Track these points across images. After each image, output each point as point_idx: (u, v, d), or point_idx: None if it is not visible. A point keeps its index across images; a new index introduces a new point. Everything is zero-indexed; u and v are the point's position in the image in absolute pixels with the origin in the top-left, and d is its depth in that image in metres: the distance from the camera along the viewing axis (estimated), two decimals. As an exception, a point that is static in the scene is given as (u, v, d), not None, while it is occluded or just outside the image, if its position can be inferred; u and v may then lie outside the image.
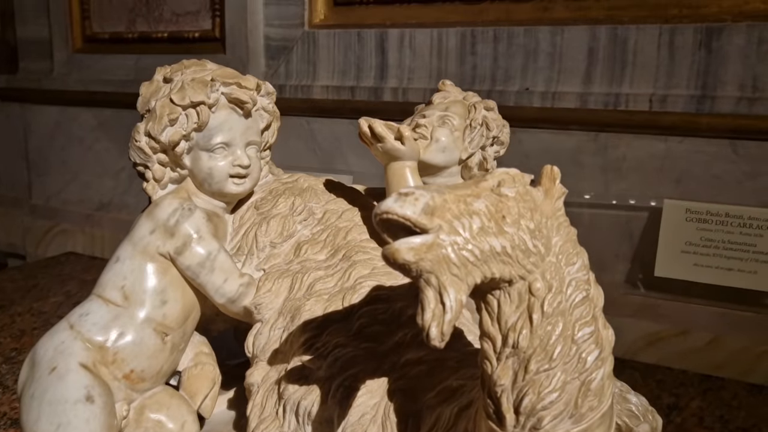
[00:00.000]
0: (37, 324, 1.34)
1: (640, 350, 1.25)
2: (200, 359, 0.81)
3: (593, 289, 0.54)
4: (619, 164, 1.30)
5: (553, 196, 0.55)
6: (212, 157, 0.78)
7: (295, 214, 0.83)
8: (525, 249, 0.50)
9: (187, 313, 0.77)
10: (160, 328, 0.74)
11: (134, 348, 0.72)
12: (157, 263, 0.75)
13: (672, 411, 1.06)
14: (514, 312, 0.51)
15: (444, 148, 0.82)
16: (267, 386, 0.76)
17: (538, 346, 0.50)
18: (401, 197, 0.49)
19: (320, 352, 0.73)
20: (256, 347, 0.79)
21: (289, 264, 0.81)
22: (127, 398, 0.72)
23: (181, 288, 0.76)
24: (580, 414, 0.51)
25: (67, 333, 0.71)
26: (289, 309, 0.78)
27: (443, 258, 0.48)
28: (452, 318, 0.48)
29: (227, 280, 0.76)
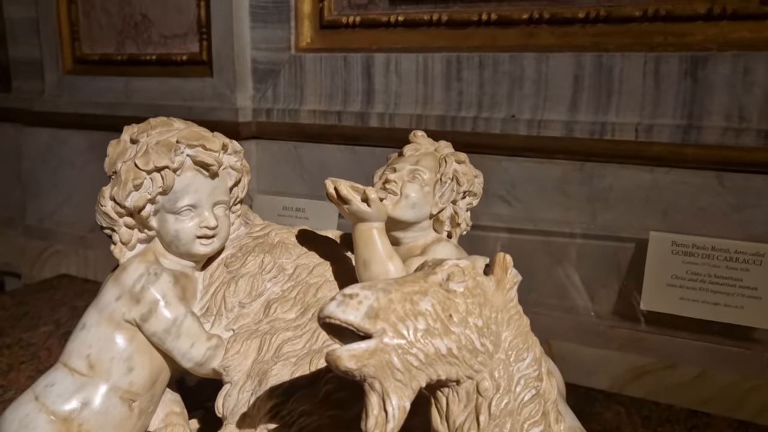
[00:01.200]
0: (25, 358, 1.34)
1: (627, 383, 1.24)
2: (171, 420, 0.81)
3: (545, 383, 0.53)
4: (605, 194, 1.29)
5: (505, 286, 0.54)
6: (179, 220, 0.77)
7: (265, 272, 0.83)
8: (472, 348, 0.50)
9: (155, 377, 0.77)
10: (126, 395, 0.74)
11: (99, 418, 0.72)
12: (123, 330, 0.74)
13: (655, 453, 1.05)
14: (462, 411, 0.50)
15: (414, 204, 0.82)
16: (235, 453, 0.76)
17: (485, 448, 0.49)
18: (345, 300, 0.48)
19: (286, 420, 0.73)
20: (226, 408, 0.79)
21: (258, 324, 0.81)
22: (93, 468, 0.72)
23: (148, 353, 0.76)
24: None
25: (32, 405, 0.70)
26: (257, 372, 0.77)
27: (386, 364, 0.48)
28: (394, 427, 0.47)
29: (194, 345, 0.76)
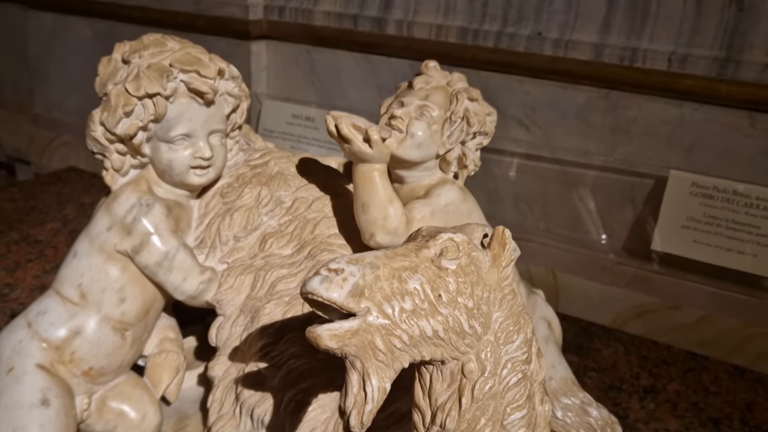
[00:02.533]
0: (32, 255, 1.36)
1: (629, 320, 1.24)
2: (165, 346, 0.81)
3: (533, 364, 0.51)
4: (628, 126, 1.22)
5: (501, 263, 0.51)
6: (172, 149, 0.74)
7: (261, 206, 0.80)
8: (460, 331, 0.48)
9: (148, 307, 0.77)
10: (119, 325, 0.74)
11: (92, 347, 0.72)
12: (114, 261, 0.73)
13: (647, 395, 1.06)
14: (444, 391, 0.49)
15: (420, 143, 0.77)
16: (226, 383, 0.77)
17: (465, 429, 0.48)
18: (329, 277, 0.46)
19: (276, 361, 0.72)
20: (219, 340, 0.79)
21: (253, 258, 0.79)
22: (88, 392, 0.73)
23: (140, 284, 0.75)
24: (503, 492, 0.50)
25: (25, 332, 0.71)
26: (249, 308, 0.76)
27: (369, 344, 0.46)
28: (372, 408, 0.46)
29: (186, 279, 0.75)
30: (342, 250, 0.79)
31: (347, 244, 0.80)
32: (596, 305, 1.25)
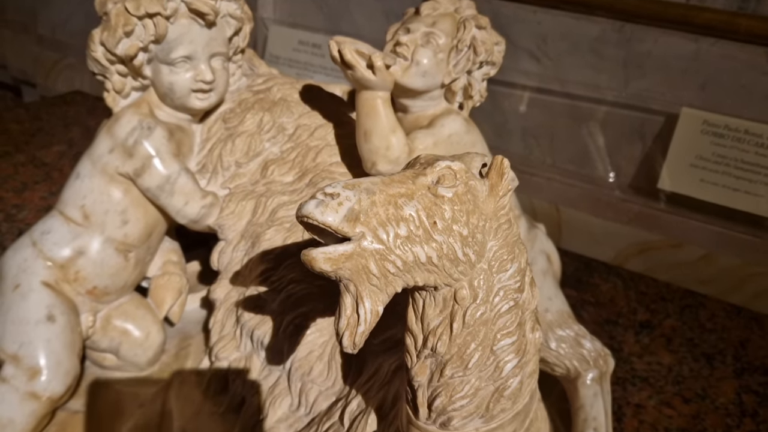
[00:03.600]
0: (38, 177, 1.37)
1: (630, 257, 1.24)
2: (168, 269, 0.83)
3: (525, 293, 0.51)
4: (642, 60, 1.19)
5: (498, 193, 0.51)
6: (173, 71, 0.73)
7: (263, 132, 0.80)
8: (454, 258, 0.48)
9: (151, 230, 0.78)
10: (122, 247, 0.75)
11: (95, 267, 0.73)
12: (116, 183, 0.73)
13: (643, 329, 1.07)
14: (437, 316, 0.50)
15: (425, 72, 0.75)
16: (228, 306, 0.78)
17: (455, 353, 0.49)
18: (324, 201, 0.46)
19: (275, 286, 0.74)
20: (221, 264, 0.80)
21: (254, 185, 0.79)
22: (92, 310, 0.75)
23: (143, 207, 0.75)
24: (491, 415, 0.51)
25: (30, 250, 0.72)
26: (250, 234, 0.77)
27: (363, 268, 0.46)
28: (365, 330, 0.47)
29: (188, 203, 0.75)
30: (343, 178, 0.79)
31: (349, 172, 0.80)
32: (598, 241, 1.26)
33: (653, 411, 0.91)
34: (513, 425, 0.53)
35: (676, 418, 0.90)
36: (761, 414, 0.91)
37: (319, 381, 0.69)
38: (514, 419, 0.53)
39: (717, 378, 0.97)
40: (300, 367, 0.70)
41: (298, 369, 0.70)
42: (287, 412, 0.72)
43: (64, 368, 0.68)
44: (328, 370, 0.69)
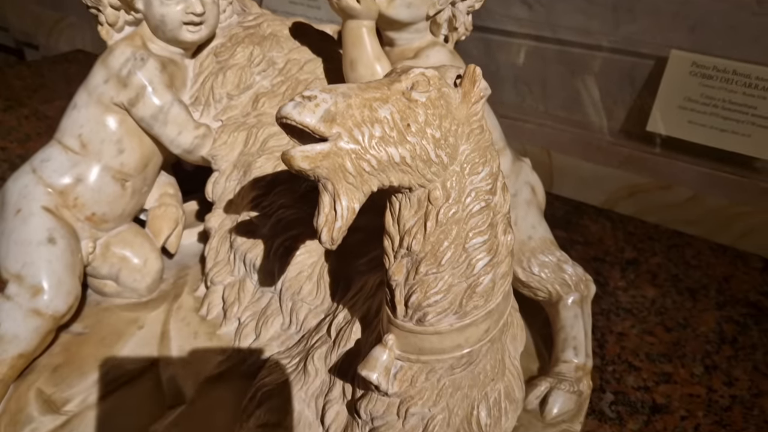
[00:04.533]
0: (41, 129, 1.40)
1: (620, 200, 1.27)
2: (164, 200, 0.86)
3: (497, 197, 0.54)
4: (632, 4, 1.20)
5: (471, 100, 0.53)
6: (164, 3, 0.75)
7: (253, 65, 0.82)
8: (426, 159, 0.50)
9: (147, 160, 0.80)
10: (119, 175, 0.78)
11: (93, 194, 0.76)
12: (112, 113, 0.76)
13: (629, 266, 1.10)
14: (412, 216, 0.53)
15: (410, 3, 0.77)
16: (222, 233, 0.81)
17: (429, 251, 0.52)
18: (302, 102, 0.48)
19: (266, 211, 0.77)
20: (215, 194, 0.83)
21: (245, 117, 0.82)
22: (92, 237, 0.78)
23: (138, 137, 0.78)
24: (465, 311, 0.54)
25: (30, 177, 0.75)
26: (242, 163, 0.80)
27: (339, 167, 0.49)
28: (342, 225, 0.50)
29: (181, 133, 0.78)
30: (332, 109, 0.81)
31: (337, 104, 0.82)
32: (589, 185, 1.28)
33: (635, 338, 0.94)
34: (486, 323, 0.56)
35: (657, 345, 0.93)
36: (740, 341, 0.94)
37: (309, 300, 0.73)
38: (488, 317, 0.56)
39: (699, 310, 1.00)
40: (290, 287, 0.73)
41: (289, 289, 0.73)
42: (279, 331, 0.75)
43: (66, 288, 0.72)
44: (317, 289, 0.73)
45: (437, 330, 0.55)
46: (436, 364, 0.57)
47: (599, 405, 0.82)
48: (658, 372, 0.88)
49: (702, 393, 0.85)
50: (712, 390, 0.86)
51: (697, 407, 0.83)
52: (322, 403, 0.65)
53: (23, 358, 0.70)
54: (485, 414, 0.59)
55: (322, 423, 0.65)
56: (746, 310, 1.01)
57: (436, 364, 0.57)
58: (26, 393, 0.72)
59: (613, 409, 0.82)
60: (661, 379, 0.87)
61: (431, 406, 0.58)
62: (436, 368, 0.57)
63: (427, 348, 0.56)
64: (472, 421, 0.59)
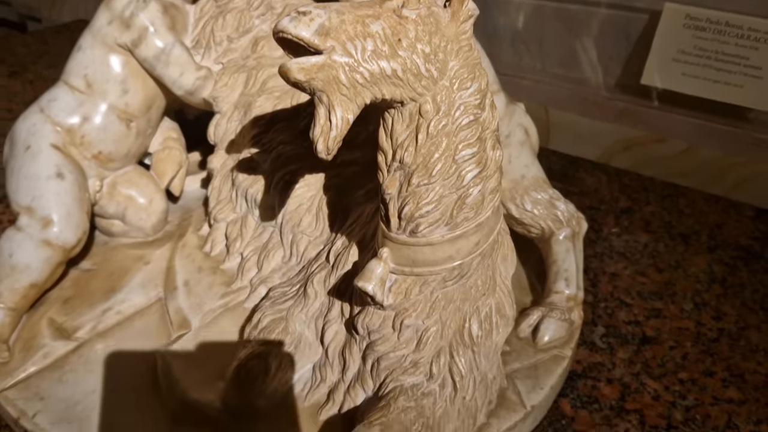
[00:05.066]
0: (47, 93, 1.42)
1: (616, 154, 1.29)
2: (168, 144, 0.88)
3: (486, 113, 0.56)
4: (627, -42, 1.22)
5: (459, 18, 0.55)
6: (164, -56, 0.77)
7: (252, 8, 0.84)
8: (417, 73, 0.53)
9: (150, 102, 0.83)
10: (123, 115, 0.80)
11: (99, 133, 0.79)
12: (116, 54, 0.78)
13: (624, 214, 1.13)
14: (404, 130, 0.55)
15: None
16: (224, 172, 0.84)
17: (420, 163, 0.55)
18: (298, 17, 0.50)
19: (266, 147, 0.79)
20: (216, 136, 0.86)
21: (245, 59, 0.84)
22: (98, 176, 0.81)
23: (141, 78, 0.80)
24: (455, 223, 0.57)
25: (38, 116, 0.77)
26: (243, 104, 0.82)
27: (334, 79, 0.51)
28: (337, 135, 0.52)
29: (183, 74, 0.80)
30: (329, 52, 0.83)
31: (335, 47, 0.84)
32: (585, 140, 1.30)
33: (627, 279, 0.96)
34: (477, 236, 0.59)
35: (648, 284, 0.95)
36: (729, 281, 0.97)
37: (308, 231, 0.75)
38: (478, 230, 0.59)
39: (691, 253, 1.03)
40: (290, 220, 0.76)
41: (289, 221, 0.76)
42: (280, 263, 0.78)
43: (75, 220, 0.74)
44: (316, 221, 0.75)
45: (429, 241, 0.57)
46: (429, 277, 0.59)
47: (591, 337, 0.85)
48: (648, 308, 0.90)
49: (691, 326, 0.88)
50: (701, 324, 0.88)
51: (686, 339, 0.85)
52: (322, 324, 0.68)
53: (35, 288, 0.73)
54: (477, 327, 0.62)
55: (321, 343, 0.68)
56: (737, 253, 1.03)
57: (429, 277, 0.59)
58: (38, 322, 0.75)
59: (604, 341, 0.85)
60: (652, 314, 0.89)
61: (425, 318, 0.61)
62: (429, 281, 0.59)
63: (420, 260, 0.58)
64: (464, 333, 0.62)
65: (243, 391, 0.65)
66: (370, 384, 0.64)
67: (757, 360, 0.83)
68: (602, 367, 0.81)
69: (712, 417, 0.75)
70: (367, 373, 0.64)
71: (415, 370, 0.62)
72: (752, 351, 0.84)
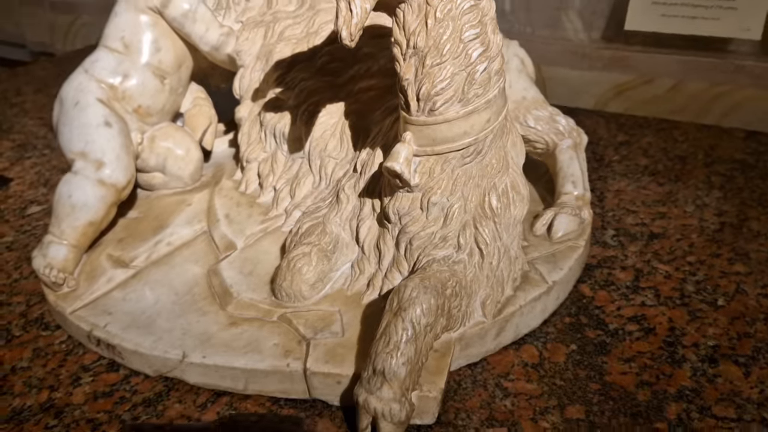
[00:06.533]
0: (72, 102, 1.51)
1: (610, 101, 1.37)
2: (198, 102, 0.97)
3: (485, 1, 0.65)
4: None
5: None
6: None
7: (264, -30, 0.93)
8: (422, -36, 0.61)
9: (180, 61, 0.91)
10: (158, 72, 0.89)
11: (138, 87, 0.87)
12: (148, 16, 0.87)
13: (621, 146, 1.20)
14: (415, 20, 0.63)
15: None
16: (251, 118, 0.92)
17: (432, 45, 0.63)
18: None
19: (289, 85, 0.87)
20: (242, 89, 0.94)
21: (263, 16, 0.93)
22: (139, 129, 0.89)
23: (170, 38, 0.89)
24: (467, 99, 0.64)
25: (84, 76, 0.86)
26: (264, 54, 0.91)
27: (351, -27, 0.60)
28: (358, 22, 0.60)
29: (208, 30, 0.89)
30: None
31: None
32: (579, 91, 1.38)
33: (631, 192, 1.03)
34: (487, 113, 0.66)
35: (651, 195, 1.02)
36: (727, 186, 1.04)
37: (335, 154, 0.83)
38: (488, 107, 0.66)
39: (689, 169, 1.10)
40: (317, 146, 0.84)
41: (316, 147, 0.84)
42: (311, 189, 0.85)
43: (124, 163, 0.82)
44: (341, 143, 0.83)
45: (446, 118, 0.65)
46: (449, 155, 0.67)
47: (602, 237, 0.92)
48: (653, 212, 0.97)
49: (694, 223, 0.94)
50: (704, 219, 0.95)
51: (691, 232, 0.92)
52: (356, 224, 0.75)
53: (93, 226, 0.81)
54: (495, 200, 0.69)
55: (357, 241, 0.75)
56: (732, 165, 1.10)
57: (448, 155, 0.67)
58: (98, 258, 0.83)
59: (615, 239, 0.91)
60: (657, 216, 0.96)
61: (449, 195, 0.68)
62: (449, 158, 0.67)
63: (439, 137, 0.66)
64: (485, 206, 0.69)
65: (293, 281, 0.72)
66: (405, 266, 0.71)
67: (759, 242, 0.89)
68: (615, 259, 0.87)
69: (722, 286, 0.81)
70: (401, 256, 0.71)
71: (445, 244, 0.69)
72: (755, 236, 0.90)
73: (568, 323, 0.76)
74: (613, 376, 0.68)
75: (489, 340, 0.70)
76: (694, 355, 0.70)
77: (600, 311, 0.78)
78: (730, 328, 0.74)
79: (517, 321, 0.72)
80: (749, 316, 0.76)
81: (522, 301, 0.72)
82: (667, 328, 0.74)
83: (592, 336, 0.74)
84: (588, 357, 0.71)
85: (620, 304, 0.78)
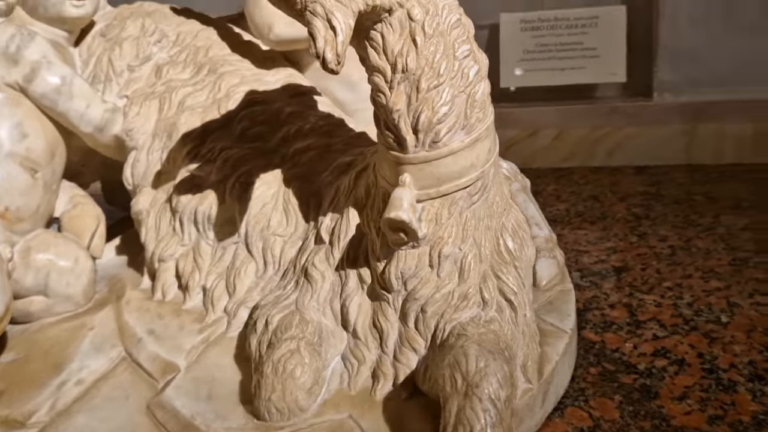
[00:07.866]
0: None
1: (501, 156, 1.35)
2: (78, 200, 0.77)
3: (464, 17, 0.57)
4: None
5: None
6: (44, -24, 0.70)
7: (148, 35, 0.79)
8: (401, -25, 0.52)
9: (53, 149, 0.72)
10: (27, 163, 0.68)
11: (3, 184, 0.66)
12: (6, 95, 0.68)
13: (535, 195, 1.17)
14: (398, 40, 0.53)
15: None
16: (157, 208, 0.74)
17: (425, 65, 0.53)
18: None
19: (207, 158, 0.72)
20: (136, 176, 0.76)
21: (152, 87, 0.77)
22: (7, 240, 0.67)
23: (39, 120, 0.70)
24: (470, 125, 0.55)
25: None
26: (163, 128, 0.75)
27: (328, -15, 0.49)
28: (344, 39, 0.49)
29: (90, 106, 0.71)
30: (241, 63, 0.80)
31: (245, 59, 0.81)
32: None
33: (570, 235, 0.99)
34: (489, 141, 0.58)
35: (590, 234, 0.99)
36: (651, 214, 1.04)
37: (280, 231, 0.68)
38: (488, 134, 0.57)
39: (607, 206, 1.10)
40: (257, 223, 0.68)
41: (256, 226, 0.68)
42: (254, 279, 0.69)
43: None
44: (287, 216, 0.68)
45: (451, 149, 0.54)
46: (456, 194, 0.56)
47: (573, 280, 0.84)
48: (603, 249, 0.93)
49: (647, 251, 0.92)
50: (653, 247, 0.93)
51: (650, 260, 0.89)
52: (339, 303, 0.60)
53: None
54: (511, 240, 0.59)
55: (344, 325, 0.60)
56: (642, 197, 1.12)
57: (456, 195, 0.56)
58: (-29, 426, 0.57)
59: (585, 280, 0.85)
60: (610, 251, 0.93)
61: (461, 244, 0.56)
62: (456, 199, 0.56)
63: (444, 174, 0.55)
64: (502, 250, 0.58)
65: (285, 391, 0.54)
66: (420, 341, 0.57)
67: (716, 257, 0.88)
68: (599, 299, 0.80)
69: (714, 304, 0.77)
70: (412, 331, 0.57)
71: (467, 303, 0.56)
72: (708, 253, 0.89)
73: (597, 374, 0.66)
74: (679, 419, 0.59)
75: (537, 410, 0.58)
76: (739, 376, 0.64)
77: (620, 354, 0.69)
78: (752, 341, 0.69)
79: (557, 381, 0.61)
80: (760, 327, 0.72)
81: (556, 357, 0.61)
82: (696, 356, 0.67)
83: (629, 381, 0.64)
84: (640, 405, 0.61)
85: (635, 342, 0.71)
